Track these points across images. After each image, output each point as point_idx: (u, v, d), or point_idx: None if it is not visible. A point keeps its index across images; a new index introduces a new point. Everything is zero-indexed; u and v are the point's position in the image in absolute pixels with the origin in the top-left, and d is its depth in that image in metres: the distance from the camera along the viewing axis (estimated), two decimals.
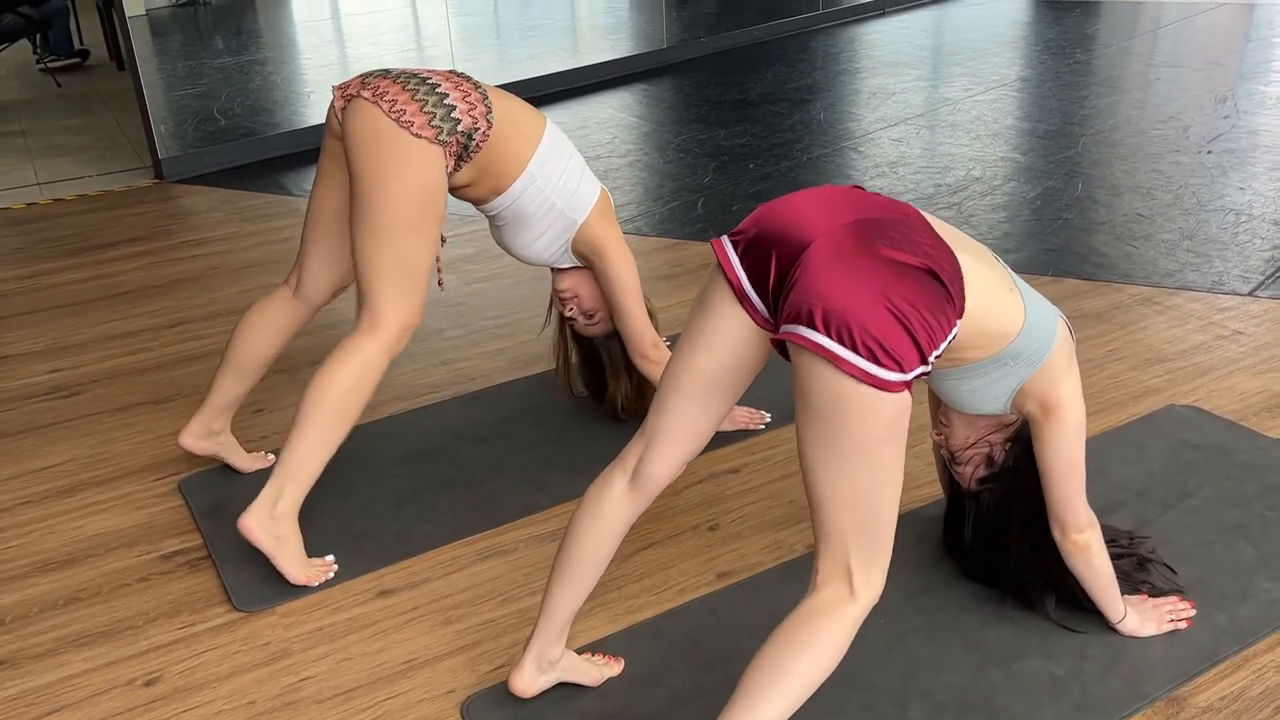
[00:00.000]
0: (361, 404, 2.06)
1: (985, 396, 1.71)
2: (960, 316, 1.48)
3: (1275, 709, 1.71)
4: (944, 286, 1.45)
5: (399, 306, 2.06)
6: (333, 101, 2.14)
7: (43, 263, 3.87)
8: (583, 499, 1.68)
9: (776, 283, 1.46)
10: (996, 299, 1.59)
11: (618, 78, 6.40)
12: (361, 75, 2.13)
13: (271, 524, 2.04)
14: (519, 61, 6.12)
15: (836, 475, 1.41)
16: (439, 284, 2.40)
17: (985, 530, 1.90)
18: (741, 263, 1.50)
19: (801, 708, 1.71)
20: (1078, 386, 1.72)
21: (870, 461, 1.40)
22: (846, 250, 1.41)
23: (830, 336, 1.37)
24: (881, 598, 1.96)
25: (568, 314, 2.46)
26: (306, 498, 2.32)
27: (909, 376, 1.39)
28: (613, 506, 1.65)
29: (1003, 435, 1.83)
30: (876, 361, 1.36)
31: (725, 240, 1.54)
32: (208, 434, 2.40)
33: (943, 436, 1.88)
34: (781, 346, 1.50)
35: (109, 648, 1.96)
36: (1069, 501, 1.75)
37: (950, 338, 1.47)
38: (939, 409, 1.88)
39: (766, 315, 1.50)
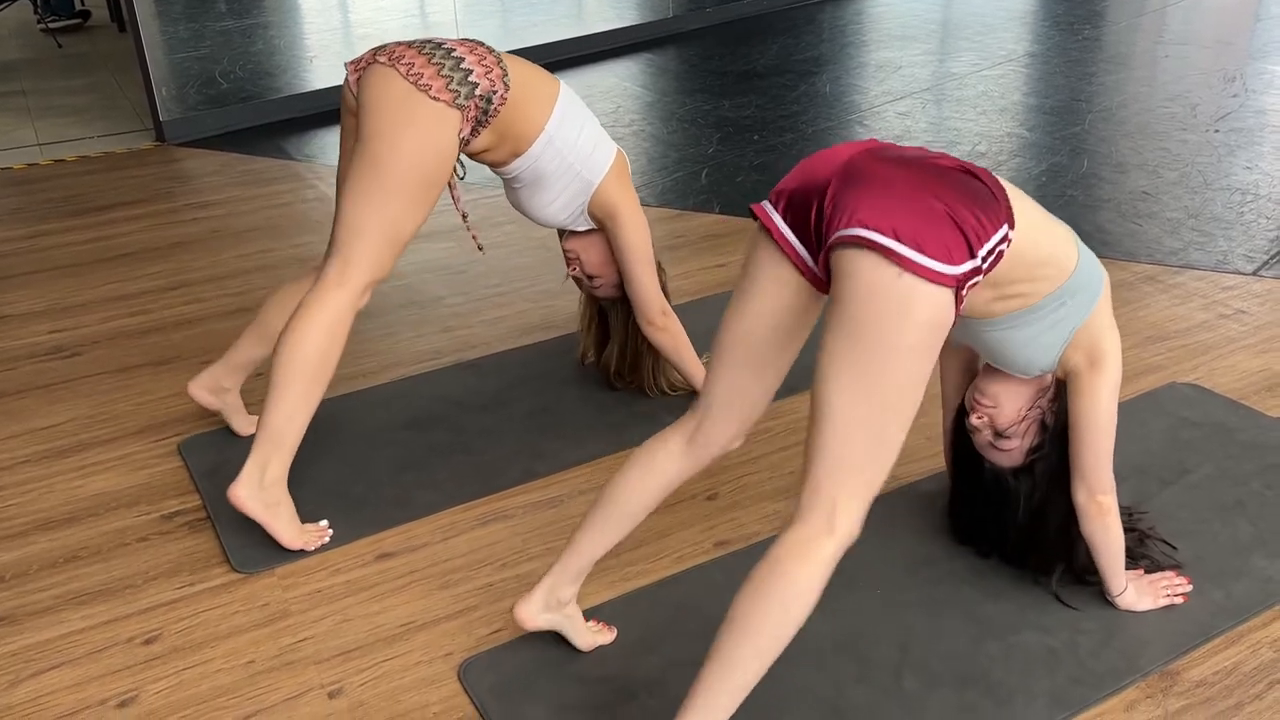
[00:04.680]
0: (336, 358, 2.04)
1: (1044, 347, 1.69)
2: (1009, 222, 1.46)
3: (1269, 684, 1.72)
4: (985, 186, 1.45)
5: (374, 263, 2.05)
6: (346, 77, 2.13)
7: (43, 223, 3.86)
8: (636, 450, 1.67)
9: (817, 222, 1.45)
10: (1048, 221, 1.60)
11: (622, 47, 6.36)
12: (373, 49, 2.12)
13: (262, 493, 2.03)
14: (523, 29, 6.07)
15: (857, 385, 1.36)
16: (478, 248, 2.57)
17: (1036, 505, 1.84)
18: (784, 218, 1.50)
19: (796, 677, 1.73)
20: (1119, 342, 1.72)
21: (898, 369, 1.35)
22: (881, 162, 1.44)
23: (874, 230, 1.35)
24: (880, 569, 1.98)
25: (572, 273, 2.46)
26: (306, 463, 2.33)
27: (957, 270, 1.37)
28: (666, 462, 1.64)
29: (1048, 397, 1.81)
30: (922, 250, 1.34)
31: (764, 203, 1.54)
32: (216, 389, 2.39)
33: (985, 418, 1.82)
34: (829, 277, 1.46)
35: (108, 606, 1.97)
36: (1099, 461, 1.74)
37: (1001, 237, 1.44)
38: (977, 391, 1.83)
39: (813, 265, 1.49)
